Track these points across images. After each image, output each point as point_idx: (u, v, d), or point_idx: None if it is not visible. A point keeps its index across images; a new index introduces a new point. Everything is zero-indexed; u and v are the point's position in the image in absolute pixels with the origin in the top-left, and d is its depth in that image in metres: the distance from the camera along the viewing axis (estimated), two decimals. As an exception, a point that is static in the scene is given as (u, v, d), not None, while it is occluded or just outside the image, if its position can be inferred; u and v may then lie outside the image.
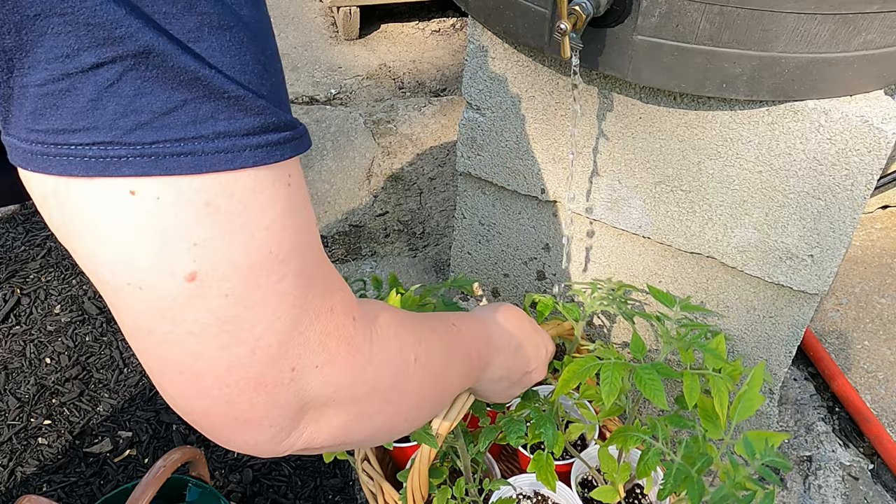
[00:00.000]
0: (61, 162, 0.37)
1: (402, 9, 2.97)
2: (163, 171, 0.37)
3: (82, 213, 0.39)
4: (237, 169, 0.39)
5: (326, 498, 1.41)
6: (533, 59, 1.10)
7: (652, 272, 1.21)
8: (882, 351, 1.69)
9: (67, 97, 0.36)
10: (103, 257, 0.40)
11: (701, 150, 1.04)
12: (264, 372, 0.43)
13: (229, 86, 0.38)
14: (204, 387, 0.43)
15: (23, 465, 1.44)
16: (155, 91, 0.36)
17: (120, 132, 0.37)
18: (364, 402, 0.50)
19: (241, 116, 0.39)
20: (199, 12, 0.37)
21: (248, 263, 0.40)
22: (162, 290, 0.39)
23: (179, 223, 0.39)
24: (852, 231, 1.01)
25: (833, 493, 1.44)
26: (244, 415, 0.44)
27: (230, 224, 0.40)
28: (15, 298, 1.75)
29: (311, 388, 0.46)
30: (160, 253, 0.39)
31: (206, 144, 0.38)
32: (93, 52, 0.35)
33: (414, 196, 2.09)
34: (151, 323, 0.41)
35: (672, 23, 0.86)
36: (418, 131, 2.31)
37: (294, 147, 0.42)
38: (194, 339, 0.41)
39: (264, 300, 0.42)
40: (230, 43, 0.38)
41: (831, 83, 0.90)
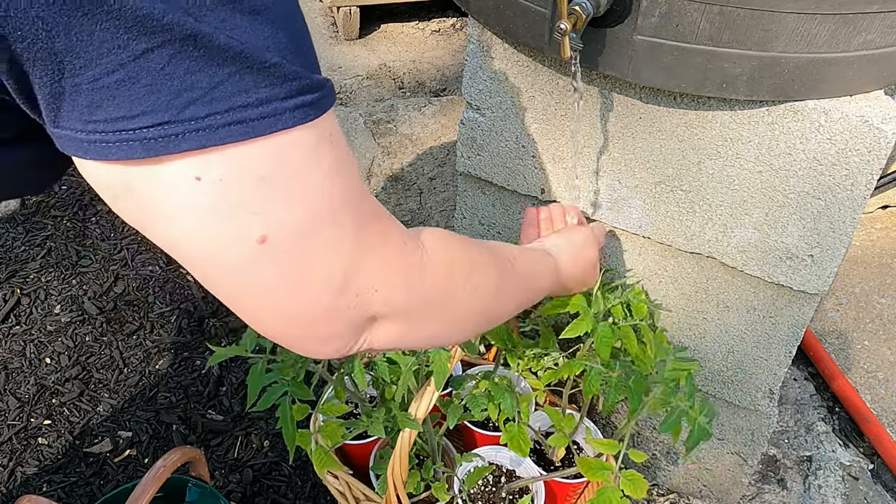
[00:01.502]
0: (121, 147, 0.40)
1: (402, 9, 2.97)
2: (217, 142, 0.41)
3: (154, 196, 0.42)
4: (282, 131, 0.43)
5: (326, 498, 1.41)
6: (533, 59, 1.10)
7: (652, 272, 1.21)
8: (882, 351, 1.69)
9: (123, 86, 0.38)
10: (179, 236, 0.44)
11: (701, 150, 1.04)
12: (335, 301, 0.50)
13: (268, 57, 0.41)
14: (287, 319, 0.50)
15: (23, 465, 1.44)
16: (203, 69, 0.39)
17: (175, 111, 0.39)
18: (416, 315, 0.58)
19: (279, 83, 0.42)
20: (229, 2, 0.39)
21: (308, 219, 0.46)
22: (238, 255, 0.45)
23: (243, 199, 0.43)
24: (852, 231, 1.01)
25: (833, 493, 1.44)
26: (321, 334, 0.52)
27: (286, 190, 0.44)
28: (15, 298, 1.75)
29: (371, 307, 0.53)
30: (230, 226, 0.43)
31: (253, 111, 0.41)
32: (143, 39, 0.37)
33: (414, 196, 2.09)
34: (234, 280, 0.47)
35: (672, 23, 0.86)
36: (418, 131, 2.31)
37: (325, 104, 0.46)
38: (274, 287, 0.47)
39: (327, 246, 0.48)
40: (262, 24, 0.41)
41: (831, 83, 0.90)
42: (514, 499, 1.20)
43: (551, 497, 1.22)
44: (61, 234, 1.91)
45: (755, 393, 1.24)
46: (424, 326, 0.60)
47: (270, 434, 1.51)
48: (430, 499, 1.16)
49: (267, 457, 1.47)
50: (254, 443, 1.49)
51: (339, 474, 1.16)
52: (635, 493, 0.97)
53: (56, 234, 1.91)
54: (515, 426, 1.09)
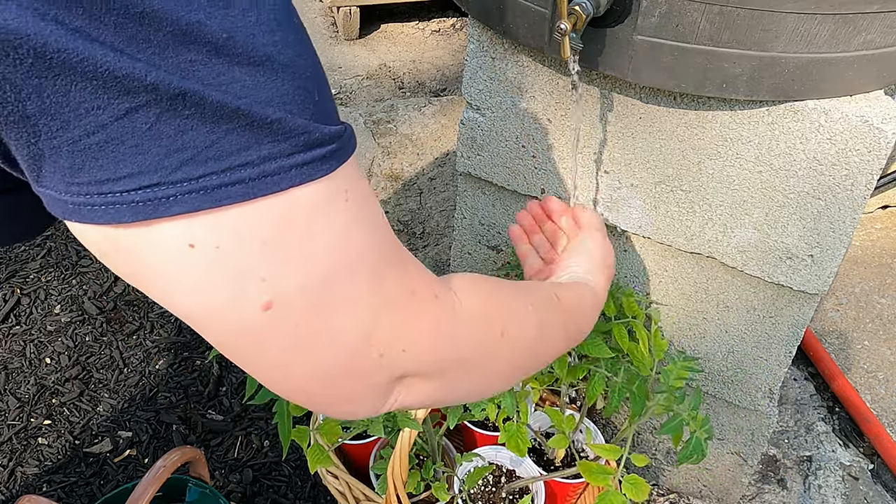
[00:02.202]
0: (108, 211, 0.37)
1: (402, 9, 2.97)
2: (213, 204, 0.37)
3: (144, 262, 0.39)
4: (286, 190, 0.39)
5: (326, 498, 1.41)
6: (533, 59, 1.10)
7: (652, 272, 1.21)
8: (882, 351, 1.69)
9: (106, 148, 0.35)
10: (178, 302, 0.41)
11: (701, 150, 1.04)
12: (353, 364, 0.46)
13: (269, 113, 0.38)
14: (300, 384, 0.46)
15: (23, 465, 1.44)
16: (195, 127, 0.36)
17: (165, 172, 0.36)
18: (451, 372, 0.53)
19: (284, 139, 0.38)
20: (226, 54, 0.36)
21: (318, 282, 0.42)
22: (241, 322, 0.41)
23: (243, 266, 0.39)
24: (852, 231, 1.01)
25: (833, 493, 1.44)
26: (342, 396, 0.48)
27: (294, 253, 0.40)
28: (15, 298, 1.75)
29: (399, 367, 0.48)
30: (232, 293, 0.40)
31: (253, 170, 0.38)
32: (125, 99, 0.34)
33: (414, 196, 2.09)
34: (238, 346, 0.44)
35: (672, 23, 0.86)
36: (418, 131, 2.31)
37: (340, 156, 0.42)
38: (281, 353, 0.43)
39: (341, 308, 0.43)
40: (264, 77, 0.38)
41: (831, 83, 0.90)
42: (514, 499, 1.20)
43: (551, 497, 1.22)
44: (61, 234, 1.91)
45: (755, 393, 1.24)
46: (460, 384, 0.55)
47: (270, 434, 1.51)
48: (430, 499, 1.16)
49: (267, 457, 1.47)
50: (254, 443, 1.49)
51: (339, 474, 1.16)
52: (637, 497, 0.97)
53: (56, 234, 1.91)
54: (514, 426, 1.09)
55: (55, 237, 1.91)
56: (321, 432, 1.08)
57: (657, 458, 1.42)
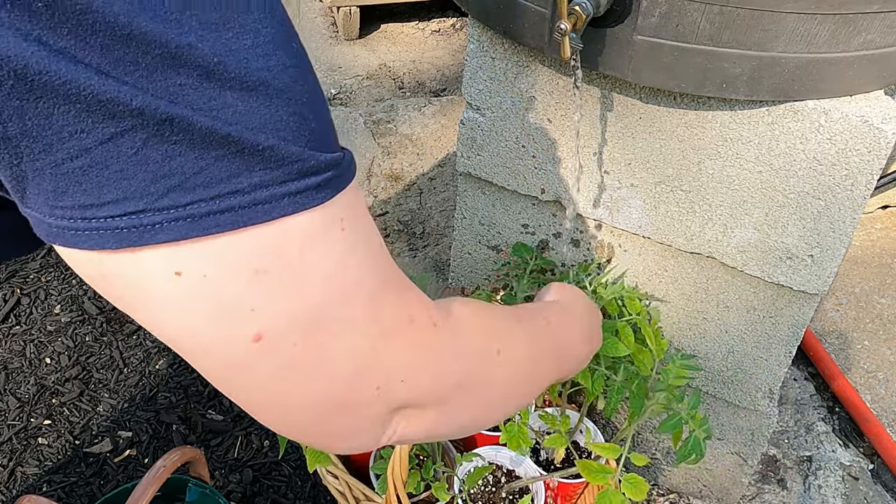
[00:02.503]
0: (91, 236, 0.35)
1: (402, 9, 2.97)
2: (201, 232, 0.36)
3: (131, 289, 0.38)
4: (278, 219, 0.38)
5: (326, 498, 1.41)
6: (533, 59, 1.10)
7: (652, 272, 1.21)
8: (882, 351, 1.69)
9: (90, 172, 0.34)
10: (165, 330, 0.40)
11: (701, 150, 1.04)
12: (349, 397, 0.44)
13: (261, 140, 0.36)
14: (294, 419, 0.44)
15: (23, 465, 1.44)
16: (183, 153, 0.35)
17: (151, 198, 0.35)
18: (451, 399, 0.52)
19: (276, 166, 0.37)
20: (218, 79, 0.35)
21: (311, 312, 0.40)
22: (230, 353, 0.40)
23: (232, 296, 0.38)
24: (852, 231, 1.01)
25: (833, 493, 1.44)
26: (338, 431, 0.46)
27: (285, 283, 0.39)
28: (15, 298, 1.75)
29: (397, 398, 0.47)
30: (220, 324, 0.38)
31: (243, 198, 0.36)
32: (110, 123, 0.33)
33: (414, 196, 2.09)
34: (229, 378, 0.42)
35: (672, 23, 0.86)
36: (418, 131, 2.31)
37: (337, 184, 0.40)
38: (274, 386, 0.42)
39: (335, 339, 0.41)
40: (257, 102, 0.36)
41: (831, 83, 0.90)
42: (514, 499, 1.20)
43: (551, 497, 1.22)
44: (61, 234, 1.91)
45: (755, 393, 1.24)
46: (460, 413, 0.54)
47: (270, 434, 1.51)
48: (430, 499, 1.16)
49: (267, 457, 1.47)
50: (254, 443, 1.49)
51: (339, 474, 1.16)
52: (636, 496, 0.97)
53: (56, 234, 1.91)
54: (515, 426, 1.09)
55: (55, 237, 1.91)
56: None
57: (657, 457, 1.42)
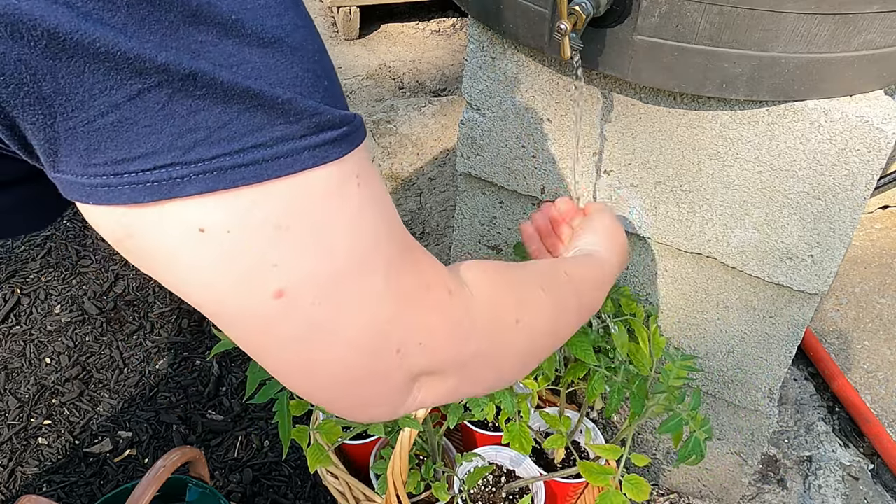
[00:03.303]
0: (124, 191, 0.37)
1: (402, 9, 2.97)
2: (228, 184, 0.37)
3: (157, 247, 0.39)
4: (299, 172, 0.39)
5: (326, 498, 1.41)
6: (533, 59, 1.10)
7: (652, 272, 1.21)
8: (882, 351, 1.69)
9: (120, 128, 0.36)
10: (189, 289, 0.41)
11: (701, 150, 1.04)
12: (371, 360, 0.45)
13: (280, 93, 0.38)
14: (319, 382, 0.45)
15: (23, 465, 1.44)
16: (207, 107, 0.36)
17: (179, 152, 0.37)
18: (470, 366, 0.52)
19: (295, 120, 0.39)
20: (236, 35, 0.37)
21: (331, 270, 0.41)
22: (254, 310, 0.41)
23: (255, 251, 0.39)
24: (852, 231, 1.01)
25: (833, 493, 1.44)
26: (362, 397, 0.47)
27: (305, 239, 0.40)
28: (15, 298, 1.75)
29: (418, 364, 0.48)
30: (242, 280, 0.40)
31: (266, 151, 0.38)
32: (137, 79, 0.35)
33: (414, 196, 2.09)
34: (252, 337, 0.43)
35: (672, 23, 0.86)
36: (418, 131, 2.31)
37: (352, 140, 0.42)
38: (296, 346, 0.43)
39: (356, 299, 0.42)
40: (274, 58, 0.38)
41: (831, 83, 0.90)
42: (514, 499, 1.20)
43: (551, 497, 1.22)
44: (61, 234, 1.91)
45: (755, 393, 1.24)
46: (480, 376, 0.55)
47: (270, 434, 1.51)
48: (430, 499, 1.17)
49: (267, 457, 1.47)
50: (254, 443, 1.49)
51: (339, 474, 1.16)
52: (637, 497, 0.97)
53: (56, 234, 1.91)
54: (517, 426, 1.08)
55: (55, 237, 1.91)
56: (321, 432, 1.08)
57: (657, 458, 1.42)
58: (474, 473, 1.13)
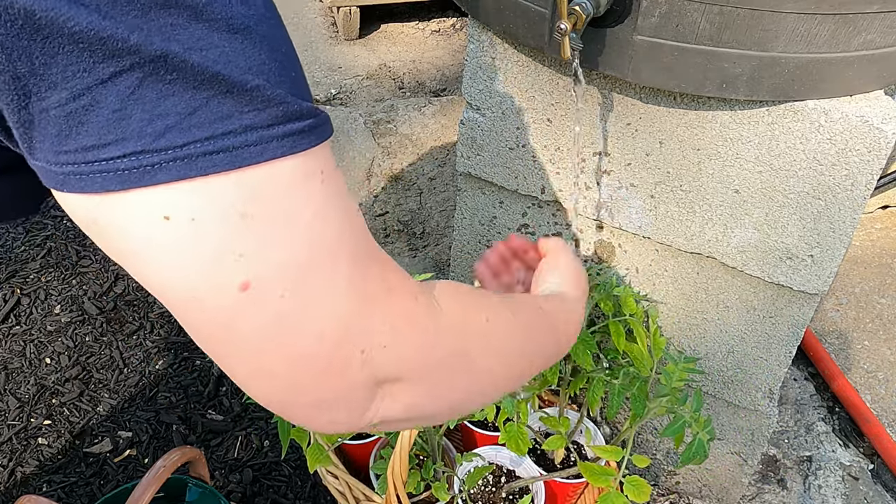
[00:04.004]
0: (95, 179, 0.37)
1: (402, 9, 2.97)
2: (198, 172, 0.37)
3: (124, 234, 0.39)
4: (267, 161, 0.39)
5: (326, 498, 1.41)
6: (533, 59, 1.10)
7: (652, 272, 1.21)
8: (882, 351, 1.69)
9: (91, 112, 0.36)
10: (153, 278, 0.40)
11: (701, 150, 1.04)
12: (332, 360, 0.44)
13: (248, 80, 0.38)
14: (278, 382, 0.44)
15: (23, 465, 1.44)
16: (177, 93, 0.36)
17: (149, 139, 0.37)
18: (435, 375, 0.51)
19: (264, 108, 0.39)
20: (206, 19, 0.37)
21: (297, 263, 0.41)
22: (218, 302, 0.40)
23: (221, 240, 0.39)
24: (852, 231, 1.01)
25: (833, 493, 1.44)
26: (321, 401, 0.46)
27: (271, 230, 0.40)
28: (15, 298, 1.75)
29: (381, 367, 0.46)
30: (208, 270, 0.39)
31: (236, 139, 0.38)
32: (109, 62, 0.35)
33: (414, 196, 2.09)
34: (215, 331, 0.42)
35: (672, 23, 0.86)
36: (418, 131, 2.31)
37: (319, 134, 0.42)
38: (259, 340, 0.42)
39: (320, 294, 0.42)
40: (243, 44, 0.38)
41: (831, 83, 0.90)
42: (514, 499, 1.20)
43: (551, 497, 1.22)
44: (61, 234, 1.91)
45: (755, 393, 1.24)
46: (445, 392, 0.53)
47: (270, 434, 1.51)
48: (430, 499, 1.17)
49: (267, 457, 1.47)
50: (254, 443, 1.49)
51: (339, 474, 1.16)
52: (638, 498, 0.97)
53: (56, 234, 1.91)
54: (515, 426, 1.09)
55: (55, 237, 1.91)
56: (321, 432, 1.08)
57: (657, 458, 1.42)
58: (474, 473, 1.13)
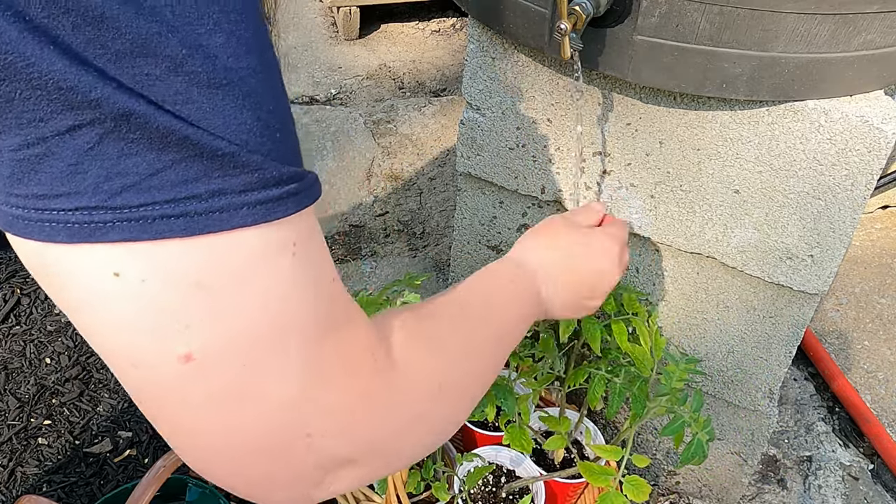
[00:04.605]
0: (43, 228, 0.35)
1: (402, 9, 2.97)
2: (152, 235, 0.35)
3: (70, 286, 0.37)
4: (233, 229, 0.36)
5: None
6: (533, 59, 1.10)
7: (652, 272, 1.21)
8: (882, 351, 1.69)
9: (45, 162, 0.33)
10: (95, 334, 0.38)
11: (701, 150, 1.04)
12: (276, 441, 0.41)
13: (222, 144, 0.35)
14: (216, 457, 0.42)
15: (23, 465, 1.44)
16: (140, 153, 0.34)
17: (104, 196, 0.34)
18: (390, 448, 0.49)
19: (236, 173, 0.36)
20: (186, 72, 0.34)
21: (246, 340, 0.38)
22: (157, 371, 0.38)
23: (169, 306, 0.36)
24: (852, 231, 1.01)
25: (833, 493, 1.44)
26: (264, 481, 0.43)
27: (225, 302, 0.37)
28: (15, 298, 1.75)
29: (329, 452, 0.44)
30: (150, 336, 0.37)
31: (199, 205, 0.35)
32: (68, 115, 0.33)
33: (414, 196, 2.09)
34: (152, 398, 0.40)
35: (672, 23, 0.86)
36: (418, 131, 2.31)
37: (299, 200, 0.39)
38: (197, 413, 0.40)
39: (267, 374, 0.39)
40: (223, 102, 0.35)
41: (831, 83, 0.90)
42: (514, 499, 1.20)
43: (551, 497, 1.22)
44: (61, 234, 1.91)
45: (755, 393, 1.24)
46: (400, 457, 0.51)
47: (270, 434, 1.51)
48: (430, 499, 1.17)
49: (267, 457, 1.47)
50: (254, 443, 1.49)
51: None
52: (638, 498, 0.97)
53: (56, 234, 1.91)
54: (517, 427, 1.08)
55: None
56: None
57: (657, 458, 1.42)
58: (474, 473, 1.13)
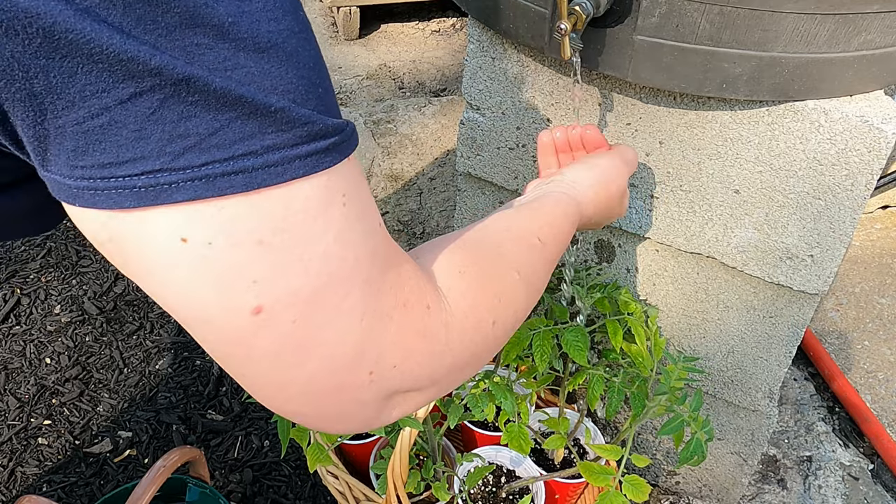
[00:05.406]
0: (111, 195, 0.36)
1: (402, 9, 2.97)
2: (216, 193, 0.37)
3: (138, 252, 0.39)
4: (288, 182, 0.39)
5: (326, 498, 1.41)
6: (533, 59, 1.10)
7: (652, 272, 1.21)
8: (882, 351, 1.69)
9: (110, 131, 0.35)
10: (167, 297, 0.40)
11: (701, 150, 1.04)
12: (343, 380, 0.44)
13: (273, 101, 0.37)
14: (289, 396, 0.44)
15: (23, 465, 1.44)
16: (199, 114, 0.36)
17: (168, 158, 0.36)
18: (445, 379, 0.52)
19: (287, 128, 0.38)
20: (231, 39, 0.36)
21: (311, 289, 0.41)
22: (230, 324, 0.40)
23: (236, 265, 0.39)
24: (852, 231, 1.01)
25: (833, 493, 1.44)
26: (333, 414, 0.46)
27: (286, 257, 0.40)
28: (15, 298, 1.75)
29: (391, 384, 0.47)
30: (221, 294, 0.39)
31: (256, 160, 0.38)
32: (129, 83, 0.34)
33: (414, 196, 2.09)
34: (227, 350, 0.42)
35: (672, 23, 0.86)
36: (418, 131, 2.31)
37: (343, 150, 0.41)
38: (270, 361, 0.42)
39: (333, 318, 0.42)
40: (269, 64, 0.38)
41: (831, 83, 0.90)
42: (514, 499, 1.20)
43: (551, 497, 1.22)
44: (61, 234, 1.91)
45: (755, 393, 1.24)
46: (453, 384, 0.55)
47: (270, 434, 1.51)
48: (430, 499, 1.17)
49: (267, 457, 1.47)
50: (254, 443, 1.49)
51: (339, 474, 1.16)
52: (637, 498, 0.97)
53: (56, 234, 1.91)
54: (516, 427, 1.09)
55: (55, 237, 1.91)
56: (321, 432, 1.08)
57: (657, 458, 1.42)
58: (474, 473, 1.13)
